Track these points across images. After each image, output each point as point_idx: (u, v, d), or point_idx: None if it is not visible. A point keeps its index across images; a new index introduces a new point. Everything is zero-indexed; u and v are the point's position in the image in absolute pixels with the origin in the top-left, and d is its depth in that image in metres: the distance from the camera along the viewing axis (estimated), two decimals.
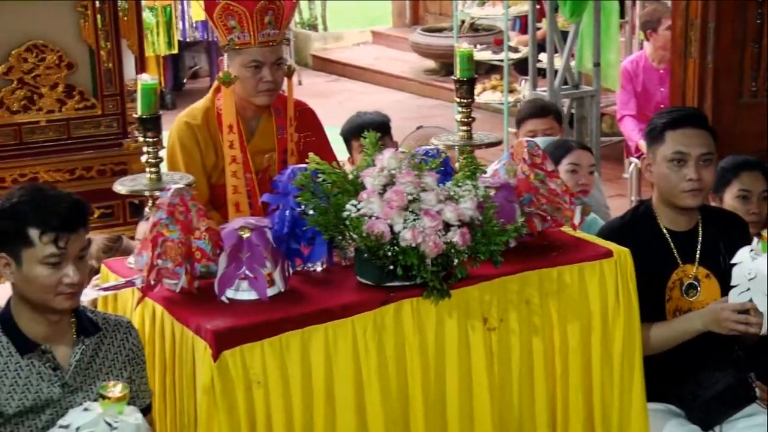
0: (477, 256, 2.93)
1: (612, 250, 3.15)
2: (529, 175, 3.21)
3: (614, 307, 3.13)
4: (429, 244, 2.83)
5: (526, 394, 3.07)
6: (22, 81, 4.18)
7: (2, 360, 2.62)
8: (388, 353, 2.90)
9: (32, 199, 2.55)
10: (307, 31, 11.94)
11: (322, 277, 3.09)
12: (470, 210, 2.91)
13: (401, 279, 2.88)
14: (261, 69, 3.73)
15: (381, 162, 2.97)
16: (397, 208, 2.86)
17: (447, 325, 2.95)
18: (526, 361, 3.05)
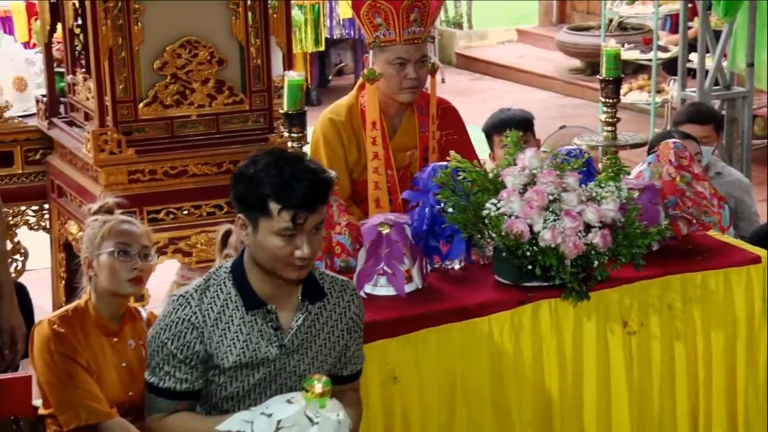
0: (618, 259, 2.91)
1: (760, 256, 3.09)
2: (675, 178, 3.17)
3: (761, 315, 3.07)
4: (569, 244, 2.81)
5: (667, 400, 3.03)
6: (175, 76, 4.27)
7: (228, 312, 2.65)
8: (525, 353, 2.89)
9: (276, 173, 2.53)
10: (452, 29, 11.94)
11: (459, 275, 3.09)
12: (612, 211, 2.89)
13: (539, 279, 2.87)
14: (405, 66, 3.75)
15: (522, 161, 2.96)
16: (537, 207, 2.85)
17: (585, 328, 2.93)
18: (667, 366, 3.01)
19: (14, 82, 5.73)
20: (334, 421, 2.52)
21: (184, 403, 2.65)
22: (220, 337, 2.63)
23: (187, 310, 2.62)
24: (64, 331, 3.25)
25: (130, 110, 4.24)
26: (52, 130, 4.71)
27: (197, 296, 2.64)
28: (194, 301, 2.64)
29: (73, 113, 4.65)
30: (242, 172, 2.58)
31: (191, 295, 2.65)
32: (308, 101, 7.94)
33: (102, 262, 3.24)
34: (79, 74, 4.55)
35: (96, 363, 3.28)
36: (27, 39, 7.76)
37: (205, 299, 2.64)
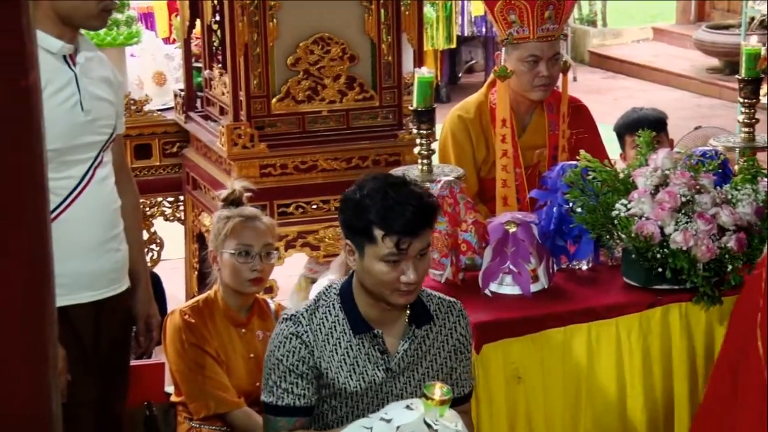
0: (752, 263, 2.84)
1: None
2: None
3: None
4: (701, 248, 2.77)
5: None
6: (308, 72, 4.31)
7: (336, 334, 2.69)
8: (654, 357, 2.86)
9: (381, 198, 2.54)
10: (586, 27, 11.81)
11: (587, 276, 3.07)
12: (749, 215, 2.84)
13: (670, 282, 2.84)
14: (538, 64, 3.72)
15: (655, 162, 2.92)
16: (669, 209, 2.81)
17: (717, 333, 2.87)
18: None
19: (154, 76, 5.86)
20: (453, 430, 2.50)
21: (302, 419, 2.69)
22: (330, 356, 2.67)
23: (298, 327, 2.67)
24: (195, 321, 3.31)
25: (263, 105, 4.31)
26: (188, 124, 4.81)
27: (307, 316, 2.69)
28: (305, 320, 2.68)
29: (209, 107, 4.74)
30: (349, 197, 2.61)
31: (302, 315, 2.70)
32: (438, 98, 7.94)
33: (225, 260, 3.29)
34: (216, 69, 4.64)
35: (225, 353, 3.33)
36: (167, 35, 7.94)
37: (314, 319, 2.68)
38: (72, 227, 2.59)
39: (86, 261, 2.70)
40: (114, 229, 2.81)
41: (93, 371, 2.78)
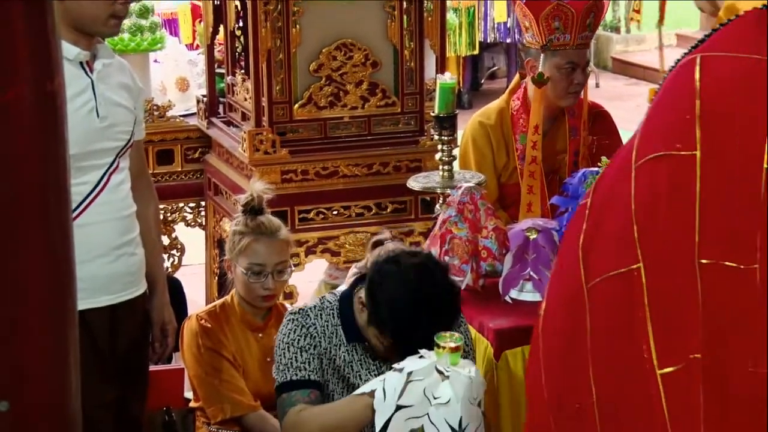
0: None
1: None
2: None
3: None
4: None
5: None
6: (330, 78, 4.31)
7: (335, 340, 2.74)
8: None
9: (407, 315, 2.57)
10: (609, 33, 11.77)
11: None
12: None
13: None
14: (575, 71, 3.72)
15: None
16: None
17: None
18: None
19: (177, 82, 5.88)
20: (465, 377, 2.47)
21: (316, 392, 2.72)
22: (329, 355, 2.75)
23: (307, 320, 2.75)
24: (211, 326, 3.32)
25: (285, 111, 4.31)
26: (210, 129, 4.82)
27: (314, 312, 2.78)
28: (312, 314, 2.75)
29: (231, 113, 4.74)
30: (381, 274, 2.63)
31: (310, 310, 2.79)
32: (459, 104, 7.92)
33: (237, 274, 3.29)
34: (239, 75, 4.64)
35: (242, 357, 3.34)
36: (191, 41, 7.97)
37: (319, 320, 2.76)
38: (87, 232, 2.60)
39: (101, 265, 2.71)
40: (129, 234, 2.81)
41: (110, 374, 2.79)
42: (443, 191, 3.23)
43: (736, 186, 1.69)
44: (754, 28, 1.74)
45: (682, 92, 1.74)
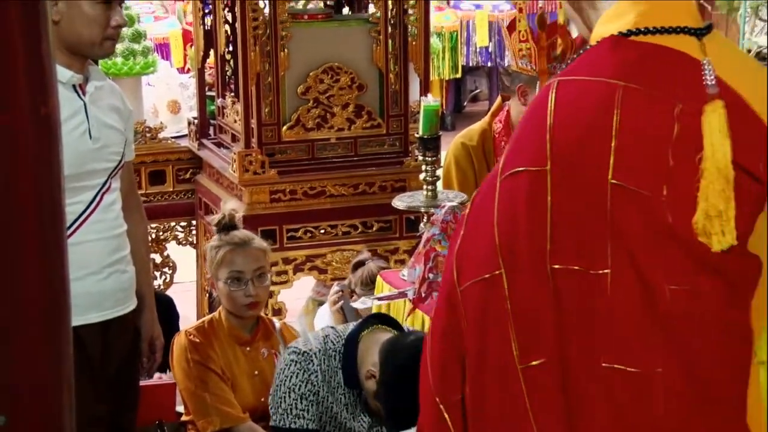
0: None
1: None
2: None
3: None
4: None
5: None
6: (317, 101, 4.32)
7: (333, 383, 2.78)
8: None
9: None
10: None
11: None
12: None
13: None
14: None
15: None
16: None
17: None
18: None
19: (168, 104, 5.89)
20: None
21: None
22: (327, 400, 2.77)
23: (310, 365, 2.76)
24: (200, 341, 3.33)
25: (274, 133, 4.33)
26: (201, 151, 4.83)
27: (318, 357, 2.77)
28: (315, 360, 2.75)
29: (221, 135, 4.75)
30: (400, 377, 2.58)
31: (314, 354, 2.81)
32: (443, 126, 7.95)
33: (220, 288, 3.32)
34: (228, 98, 4.66)
35: (230, 371, 3.34)
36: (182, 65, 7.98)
37: (322, 365, 2.74)
38: (80, 250, 2.60)
39: (94, 282, 2.70)
40: (120, 252, 2.81)
41: (103, 388, 2.78)
42: (427, 210, 3.24)
43: (583, 198, 1.76)
44: (607, 53, 1.80)
45: (538, 113, 1.80)
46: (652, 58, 1.78)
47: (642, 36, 1.79)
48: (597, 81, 1.78)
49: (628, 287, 1.77)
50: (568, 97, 1.79)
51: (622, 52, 1.79)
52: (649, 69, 1.77)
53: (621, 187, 1.74)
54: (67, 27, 2.59)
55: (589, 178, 1.76)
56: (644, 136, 1.74)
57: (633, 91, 1.74)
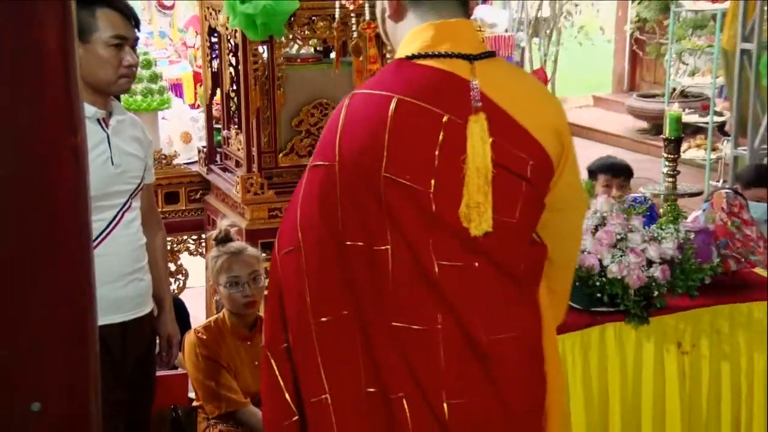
0: (675, 290, 2.85)
1: None
2: (726, 222, 3.08)
3: None
4: (633, 277, 2.76)
5: (714, 411, 2.95)
6: (309, 131, 4.33)
7: None
8: (592, 368, 2.84)
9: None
10: None
11: None
12: (671, 250, 2.83)
13: (606, 305, 2.82)
14: None
15: (595, 206, 2.92)
16: (606, 245, 2.81)
17: (645, 348, 2.86)
18: (714, 382, 2.93)
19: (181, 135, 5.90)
20: None
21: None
22: None
23: None
24: (207, 337, 3.35)
25: (271, 159, 4.34)
26: (209, 175, 4.82)
27: None
28: None
29: (227, 161, 4.75)
30: None
31: None
32: None
33: (221, 292, 3.36)
34: (233, 130, 4.65)
35: (233, 362, 3.35)
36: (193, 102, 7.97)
37: None
38: (103, 261, 2.57)
39: (114, 288, 2.69)
40: (139, 263, 2.80)
41: (122, 378, 2.77)
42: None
43: (363, 187, 1.87)
44: (392, 72, 1.93)
45: (335, 118, 1.93)
46: (427, 77, 1.88)
47: (422, 59, 1.89)
48: (379, 94, 1.87)
49: (404, 261, 1.86)
50: (355, 106, 1.90)
51: (402, 71, 1.89)
52: (422, 86, 1.87)
53: (392, 180, 1.84)
54: (86, 69, 2.59)
55: (367, 172, 1.86)
56: (413, 139, 1.85)
57: (406, 103, 1.84)
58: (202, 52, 5.05)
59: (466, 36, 1.91)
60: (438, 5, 1.90)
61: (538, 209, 1.93)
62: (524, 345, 1.92)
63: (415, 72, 1.88)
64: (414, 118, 1.85)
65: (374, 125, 1.86)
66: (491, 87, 1.85)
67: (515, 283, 1.90)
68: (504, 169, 1.84)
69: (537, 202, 1.91)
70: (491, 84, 1.85)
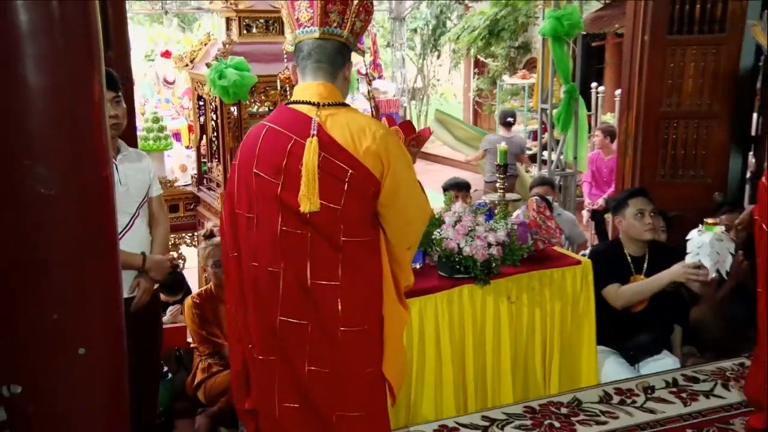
0: (505, 262, 2.88)
1: (580, 260, 3.03)
2: (536, 218, 3.13)
3: (579, 291, 3.02)
4: (479, 254, 2.78)
5: (530, 340, 2.98)
6: None
7: None
8: (455, 315, 2.84)
9: None
10: None
11: (419, 271, 3.01)
12: (503, 236, 2.86)
13: (463, 274, 2.83)
14: None
15: (455, 208, 2.93)
16: (462, 234, 2.82)
17: (487, 300, 2.88)
18: (529, 320, 2.97)
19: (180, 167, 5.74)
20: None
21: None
22: None
23: None
24: (199, 302, 3.28)
25: None
26: (199, 192, 4.72)
27: None
28: None
29: (210, 183, 4.65)
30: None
31: None
32: None
33: (209, 271, 3.29)
34: (214, 162, 4.55)
35: (217, 319, 3.27)
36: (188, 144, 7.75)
37: None
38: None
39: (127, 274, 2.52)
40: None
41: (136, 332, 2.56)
42: None
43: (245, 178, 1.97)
44: (274, 112, 2.02)
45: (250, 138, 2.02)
46: (287, 114, 1.93)
47: (290, 104, 1.95)
48: (262, 123, 2.00)
49: (263, 224, 1.92)
50: (251, 131, 2.03)
51: (279, 111, 1.97)
52: (283, 119, 1.93)
53: (258, 174, 1.91)
54: None
55: (248, 168, 1.96)
56: (272, 151, 1.91)
57: (272, 129, 1.93)
58: (193, 111, 4.92)
59: (318, 92, 1.93)
60: (310, 74, 1.94)
61: (361, 202, 1.90)
62: (335, 288, 1.89)
63: (284, 112, 1.96)
64: (274, 138, 1.92)
65: (253, 141, 1.96)
66: (329, 123, 1.89)
67: (337, 249, 1.88)
68: (330, 173, 1.86)
69: (359, 198, 1.89)
70: (330, 122, 1.89)
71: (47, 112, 1.39)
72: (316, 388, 1.89)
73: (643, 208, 3.17)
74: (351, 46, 1.93)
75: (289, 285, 1.88)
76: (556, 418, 2.74)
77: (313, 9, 1.86)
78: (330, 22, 1.87)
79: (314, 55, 1.90)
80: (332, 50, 1.90)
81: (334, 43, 1.89)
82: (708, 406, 2.79)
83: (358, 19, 1.90)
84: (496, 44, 9.88)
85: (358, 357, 1.90)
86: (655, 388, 2.95)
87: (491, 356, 2.89)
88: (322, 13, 1.86)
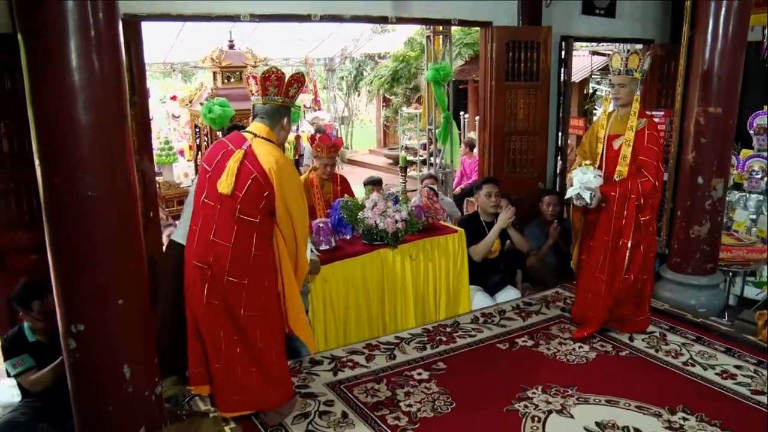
0: (408, 232, 2.86)
1: (457, 230, 3.05)
2: (427, 202, 3.13)
3: (457, 250, 3.02)
4: (390, 227, 2.76)
5: (425, 284, 2.97)
6: None
7: None
8: (375, 273, 2.78)
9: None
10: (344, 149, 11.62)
11: (349, 241, 2.92)
12: (405, 215, 2.85)
13: (380, 242, 2.79)
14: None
15: (373, 197, 2.90)
16: (378, 214, 2.80)
17: (396, 259, 2.85)
18: (425, 271, 2.95)
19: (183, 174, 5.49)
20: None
21: None
22: None
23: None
24: None
25: None
26: None
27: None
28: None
29: None
30: None
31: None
32: None
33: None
34: None
35: None
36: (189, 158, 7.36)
37: None
38: None
39: None
40: None
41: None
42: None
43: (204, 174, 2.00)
44: (234, 133, 2.02)
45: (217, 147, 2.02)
46: (235, 135, 2.01)
47: (242, 131, 2.02)
48: (222, 141, 2.02)
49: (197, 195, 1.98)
50: (215, 144, 2.03)
51: (234, 133, 2.02)
52: (231, 137, 2.00)
53: (204, 167, 2.00)
54: None
55: (205, 166, 2.00)
56: (213, 152, 1.99)
57: (221, 141, 2.01)
58: (192, 136, 4.73)
59: (258, 129, 2.00)
60: (258, 118, 2.02)
61: (255, 196, 1.96)
62: (227, 248, 1.94)
63: (236, 134, 2.01)
64: (220, 145, 2.00)
65: (213, 151, 2.01)
66: (255, 146, 1.98)
67: (233, 221, 1.92)
68: (243, 173, 1.93)
69: (255, 193, 1.96)
70: (256, 146, 1.98)
71: (93, 140, 1.47)
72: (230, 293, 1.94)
73: (490, 191, 3.23)
74: (288, 104, 2.01)
75: (201, 239, 1.95)
76: (444, 335, 2.80)
77: (258, 85, 1.97)
78: (269, 93, 1.97)
79: (259, 113, 2.01)
80: (271, 110, 1.99)
81: (273, 105, 1.99)
82: (537, 320, 2.94)
83: (291, 87, 1.98)
84: (397, 86, 10.03)
85: (239, 301, 1.95)
86: (506, 311, 3.08)
87: (400, 296, 2.89)
88: (262, 87, 1.97)
